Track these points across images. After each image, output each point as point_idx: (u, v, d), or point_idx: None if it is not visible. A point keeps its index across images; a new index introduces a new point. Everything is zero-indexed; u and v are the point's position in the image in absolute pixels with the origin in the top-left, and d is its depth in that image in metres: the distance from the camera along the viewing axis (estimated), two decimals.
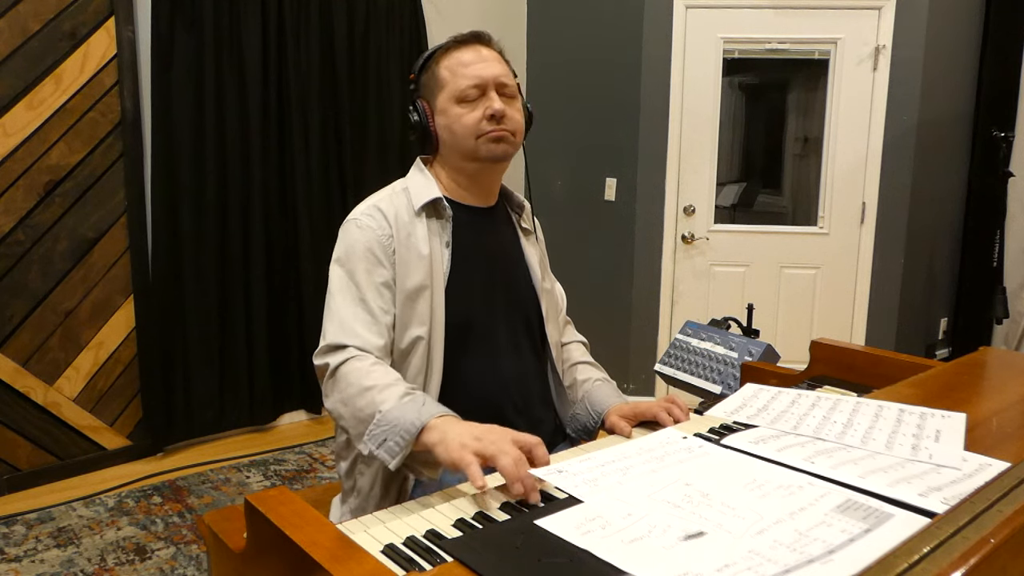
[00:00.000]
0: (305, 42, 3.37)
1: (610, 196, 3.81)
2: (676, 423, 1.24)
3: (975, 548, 0.65)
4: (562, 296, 1.61)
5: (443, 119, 1.36)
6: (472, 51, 1.36)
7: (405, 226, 1.33)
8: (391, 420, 1.11)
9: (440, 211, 1.37)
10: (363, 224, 1.32)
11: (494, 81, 1.34)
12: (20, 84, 2.73)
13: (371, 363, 1.23)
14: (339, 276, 1.32)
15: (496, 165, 1.39)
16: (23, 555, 2.42)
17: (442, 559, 0.80)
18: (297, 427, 3.58)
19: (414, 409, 1.11)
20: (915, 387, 1.28)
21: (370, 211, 1.34)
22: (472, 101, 1.34)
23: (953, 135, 3.95)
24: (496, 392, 1.36)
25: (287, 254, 3.46)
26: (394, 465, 1.09)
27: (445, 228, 1.37)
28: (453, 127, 1.35)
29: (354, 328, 1.27)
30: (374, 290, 1.30)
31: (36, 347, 2.87)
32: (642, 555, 0.74)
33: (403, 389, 1.17)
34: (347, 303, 1.29)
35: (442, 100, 1.36)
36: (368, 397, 1.16)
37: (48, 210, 2.85)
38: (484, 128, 1.33)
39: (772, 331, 3.70)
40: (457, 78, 1.34)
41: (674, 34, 3.58)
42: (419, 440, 1.08)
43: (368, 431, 1.13)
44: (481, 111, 1.33)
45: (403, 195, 1.38)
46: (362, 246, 1.31)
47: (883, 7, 3.52)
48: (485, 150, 1.34)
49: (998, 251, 3.84)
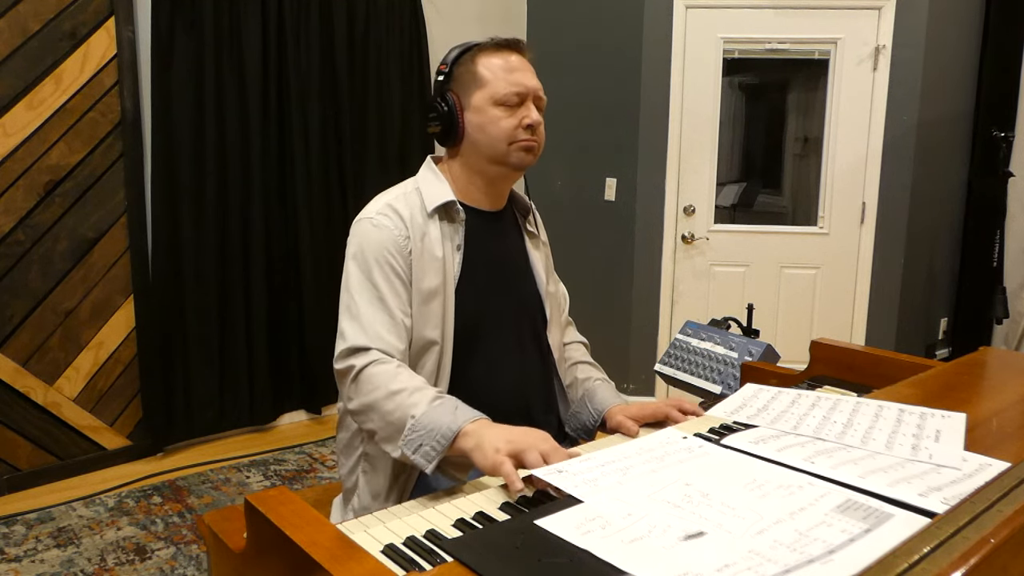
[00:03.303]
0: (305, 42, 3.37)
1: (610, 196, 3.81)
2: (687, 417, 1.26)
3: (975, 548, 0.65)
4: (565, 297, 1.62)
5: (476, 117, 1.35)
6: (514, 57, 1.37)
7: (420, 227, 1.33)
8: (425, 425, 1.13)
9: (453, 215, 1.37)
10: (379, 223, 1.31)
11: (534, 92, 1.36)
12: (20, 84, 2.73)
13: (395, 366, 1.24)
14: (356, 275, 1.31)
15: (517, 172, 1.40)
16: (23, 555, 2.42)
17: (442, 559, 0.80)
18: (297, 427, 3.58)
19: (447, 414, 1.13)
20: (915, 387, 1.27)
21: (385, 210, 1.33)
22: (511, 107, 1.34)
23: (953, 135, 3.95)
24: (500, 396, 1.36)
25: (287, 254, 3.46)
26: (430, 469, 1.12)
27: (457, 231, 1.37)
28: (488, 128, 1.34)
29: (377, 331, 1.27)
30: (393, 292, 1.29)
31: (36, 347, 2.87)
32: (642, 555, 0.74)
33: (432, 393, 1.19)
34: (367, 304, 1.29)
35: (478, 98, 1.35)
36: (397, 400, 1.18)
37: (48, 210, 2.85)
38: (519, 136, 1.34)
39: (772, 331, 3.70)
40: (499, 81, 1.34)
41: (674, 34, 3.58)
42: (454, 445, 1.11)
43: (403, 436, 1.14)
44: (518, 119, 1.34)
45: (416, 195, 1.37)
46: (379, 245, 1.30)
47: (883, 7, 3.52)
48: (516, 157, 1.35)
49: (998, 251, 3.84)
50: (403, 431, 1.15)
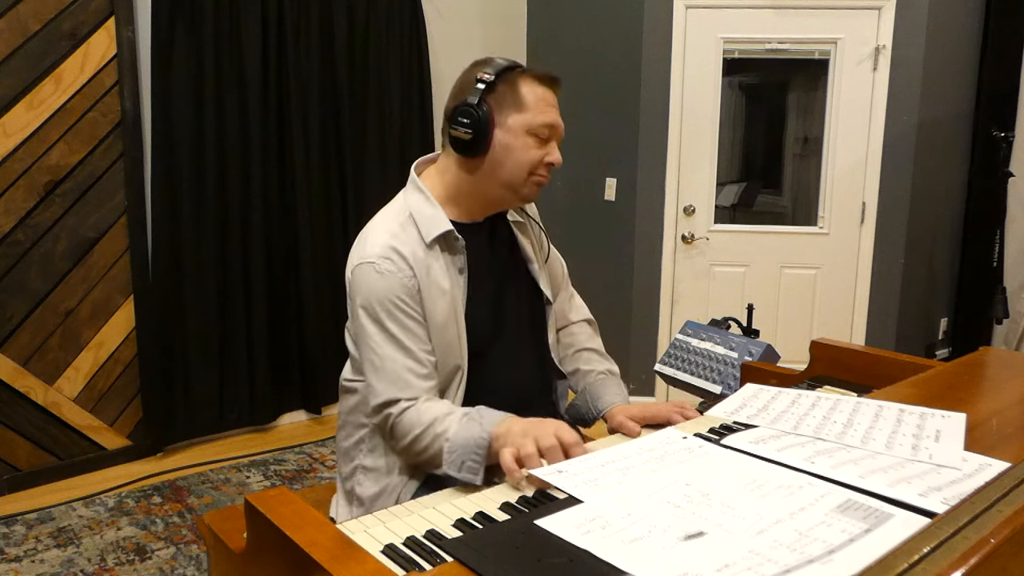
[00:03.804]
0: (305, 42, 3.37)
1: (610, 196, 3.81)
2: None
3: (975, 548, 0.65)
4: (563, 267, 1.62)
5: (507, 138, 1.33)
6: (552, 94, 1.38)
7: (422, 262, 1.31)
8: (460, 444, 1.18)
9: (452, 243, 1.35)
10: (383, 269, 1.28)
11: (560, 133, 1.38)
12: (20, 84, 2.73)
13: (423, 401, 1.28)
14: (371, 328, 1.29)
15: (519, 203, 1.43)
16: (23, 555, 2.42)
17: (442, 559, 0.80)
18: (297, 427, 3.58)
19: (476, 426, 1.19)
20: (915, 387, 1.27)
21: (387, 253, 1.29)
22: (541, 140, 1.35)
23: (953, 135, 3.94)
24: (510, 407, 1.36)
25: (287, 254, 3.46)
26: (480, 481, 1.15)
27: (458, 257, 1.36)
28: (516, 153, 1.34)
29: (406, 379, 1.28)
30: (410, 335, 1.29)
31: (36, 347, 2.87)
32: (642, 555, 0.74)
33: (459, 413, 1.23)
34: (391, 354, 1.28)
35: (515, 121, 1.33)
36: (432, 432, 1.23)
37: (48, 210, 2.85)
38: (539, 171, 1.36)
39: (772, 331, 3.70)
40: (539, 112, 1.35)
41: (674, 34, 3.58)
42: (493, 451, 1.15)
43: (445, 460, 1.19)
44: (543, 154, 1.35)
45: (411, 226, 1.33)
46: (388, 293, 1.28)
47: (883, 7, 3.52)
48: (528, 191, 1.37)
49: (998, 251, 3.83)
50: (443, 455, 1.20)
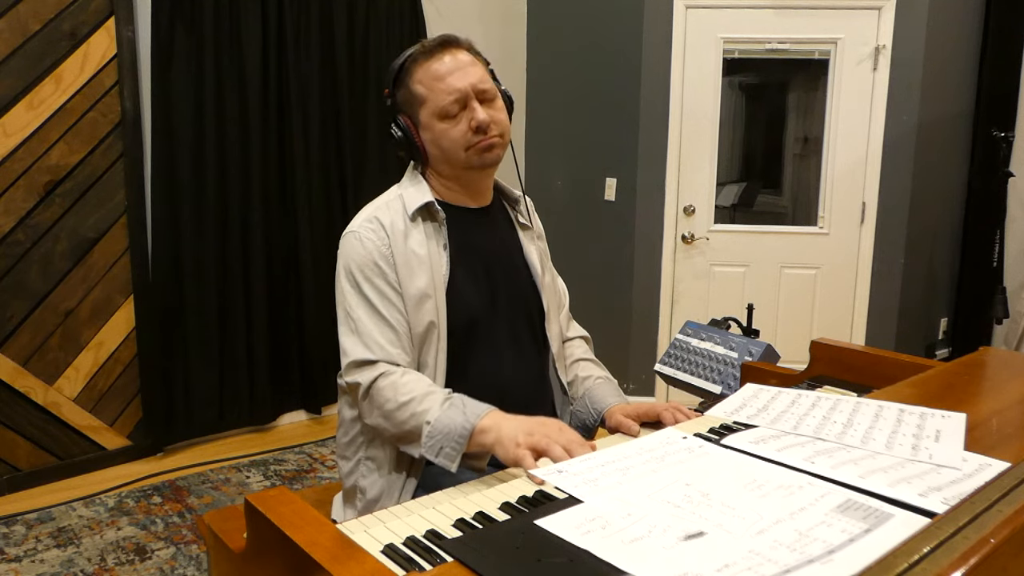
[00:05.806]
0: (305, 42, 3.37)
1: (610, 196, 3.81)
2: (682, 419, 1.26)
3: (975, 548, 0.65)
4: (564, 292, 1.61)
5: (428, 134, 1.36)
6: (443, 60, 1.33)
7: (401, 232, 1.34)
8: (441, 429, 1.18)
9: (434, 214, 1.37)
10: (362, 236, 1.33)
11: (472, 90, 1.32)
12: (20, 84, 2.73)
13: (401, 374, 1.27)
14: (349, 291, 1.33)
15: (488, 170, 1.40)
16: (23, 555, 2.42)
17: (442, 559, 0.80)
18: (297, 427, 3.58)
19: (459, 414, 1.18)
20: (915, 387, 1.27)
21: (369, 222, 1.35)
22: (455, 116, 1.32)
23: (953, 135, 3.94)
24: (497, 393, 1.36)
25: (287, 253, 3.46)
26: (455, 468, 1.17)
27: (440, 231, 1.37)
28: (440, 143, 1.35)
29: (378, 342, 1.29)
30: (386, 301, 1.31)
31: (36, 347, 2.87)
32: (642, 555, 0.74)
33: (441, 396, 1.23)
34: (364, 318, 1.31)
35: (424, 116, 1.35)
36: (409, 410, 1.22)
37: (48, 210, 2.85)
38: (472, 140, 1.33)
39: (772, 331, 3.70)
40: (435, 94, 1.32)
41: (674, 34, 3.58)
42: (473, 441, 1.16)
43: (423, 443, 1.20)
44: (466, 123, 1.32)
45: (398, 202, 1.38)
46: (365, 258, 1.32)
47: (883, 7, 3.52)
48: (477, 160, 1.35)
49: (998, 251, 3.83)
50: (421, 438, 1.20)
